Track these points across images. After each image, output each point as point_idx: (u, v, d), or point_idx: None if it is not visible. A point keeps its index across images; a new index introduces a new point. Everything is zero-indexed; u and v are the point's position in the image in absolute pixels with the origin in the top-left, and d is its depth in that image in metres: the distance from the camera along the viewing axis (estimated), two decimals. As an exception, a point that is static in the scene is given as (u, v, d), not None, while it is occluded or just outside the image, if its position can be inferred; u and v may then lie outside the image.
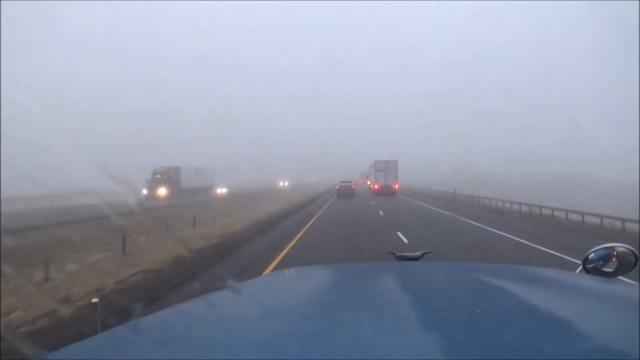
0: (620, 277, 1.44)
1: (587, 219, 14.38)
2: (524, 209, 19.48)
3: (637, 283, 1.02)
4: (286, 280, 1.45)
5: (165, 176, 36.32)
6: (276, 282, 1.44)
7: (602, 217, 13.69)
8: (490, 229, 13.44)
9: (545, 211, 17.77)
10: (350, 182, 38.47)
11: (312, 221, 15.52)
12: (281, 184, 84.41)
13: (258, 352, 0.69)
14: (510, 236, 11.72)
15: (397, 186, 39.51)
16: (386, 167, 39.32)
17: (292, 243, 10.06)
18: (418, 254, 1.70)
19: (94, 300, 1.32)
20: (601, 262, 1.44)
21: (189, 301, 1.11)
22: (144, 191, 33.28)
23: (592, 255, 1.45)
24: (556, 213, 16.79)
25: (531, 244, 10.21)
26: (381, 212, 19.21)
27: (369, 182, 48.04)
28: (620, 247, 1.43)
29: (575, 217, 15.18)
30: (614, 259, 1.42)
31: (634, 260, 1.40)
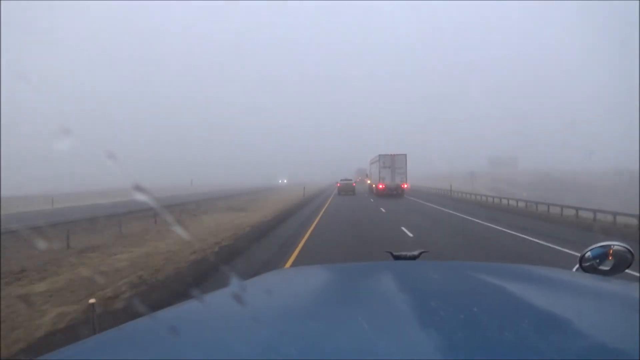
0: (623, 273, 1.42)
1: None
2: None
3: (637, 282, 1.00)
4: (284, 280, 1.45)
5: None
6: (275, 281, 1.44)
7: None
8: None
9: None
10: (350, 180, 41.40)
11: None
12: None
13: (256, 352, 0.69)
14: None
15: (405, 185, 33.30)
16: (393, 163, 32.91)
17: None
18: (415, 253, 1.70)
19: (92, 300, 1.32)
20: (597, 261, 1.43)
21: (188, 301, 1.11)
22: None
23: (588, 253, 1.44)
24: None
25: None
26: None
27: (368, 181, 42.28)
28: (617, 245, 1.43)
29: None
30: (610, 258, 1.42)
31: (630, 258, 1.39)
